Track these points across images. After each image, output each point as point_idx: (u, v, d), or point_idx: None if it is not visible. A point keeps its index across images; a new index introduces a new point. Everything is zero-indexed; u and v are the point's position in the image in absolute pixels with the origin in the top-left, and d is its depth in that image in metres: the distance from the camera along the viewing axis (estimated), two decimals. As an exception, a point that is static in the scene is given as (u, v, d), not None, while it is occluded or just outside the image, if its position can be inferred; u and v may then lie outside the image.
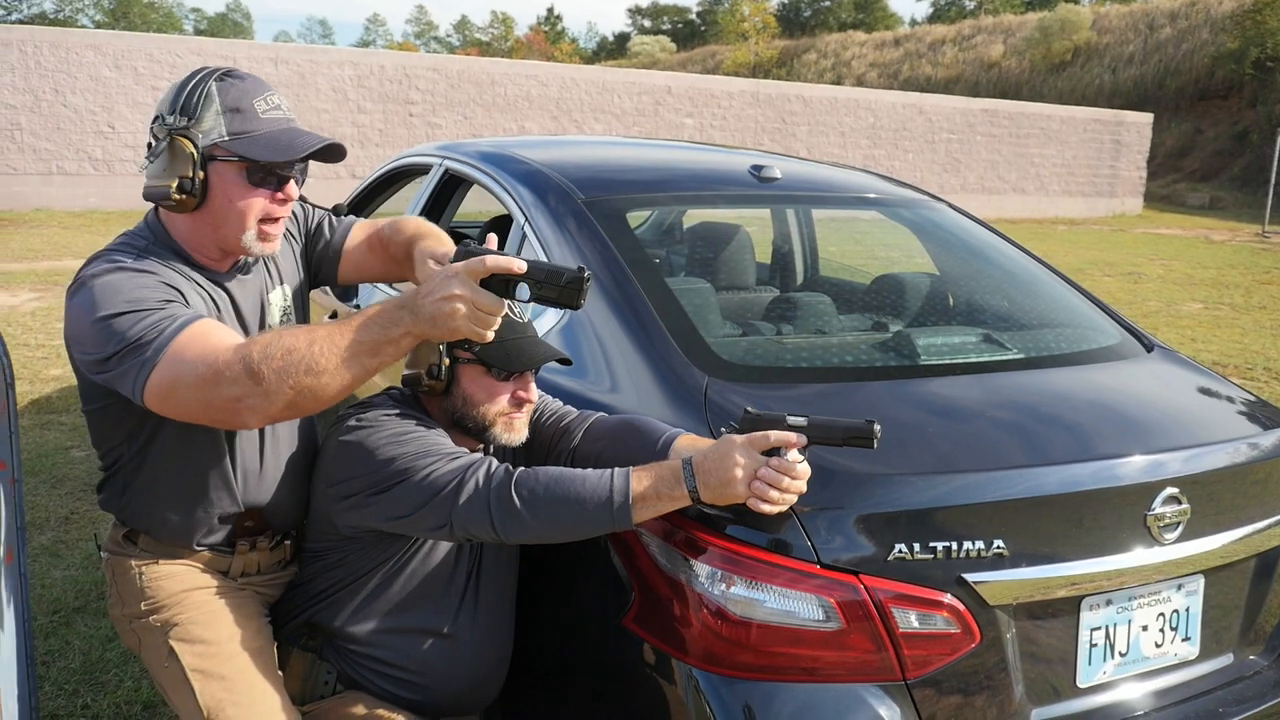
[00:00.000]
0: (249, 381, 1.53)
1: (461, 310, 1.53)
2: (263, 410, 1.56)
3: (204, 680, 1.82)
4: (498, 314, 1.57)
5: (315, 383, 1.54)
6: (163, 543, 1.91)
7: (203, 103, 1.76)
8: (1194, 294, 12.02)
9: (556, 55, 57.90)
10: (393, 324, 1.56)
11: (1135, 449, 1.97)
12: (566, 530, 1.70)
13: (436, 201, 3.40)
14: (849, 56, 45.06)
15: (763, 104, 21.44)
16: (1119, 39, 35.75)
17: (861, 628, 1.71)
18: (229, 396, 1.55)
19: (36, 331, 7.49)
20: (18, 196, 15.32)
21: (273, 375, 1.52)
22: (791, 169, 3.07)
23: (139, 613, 1.90)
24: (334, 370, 1.54)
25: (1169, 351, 2.61)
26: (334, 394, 1.58)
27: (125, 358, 1.60)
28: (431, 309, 1.54)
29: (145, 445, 1.84)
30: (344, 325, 1.57)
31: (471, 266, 1.55)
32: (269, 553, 1.99)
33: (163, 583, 1.89)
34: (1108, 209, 25.63)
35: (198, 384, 1.56)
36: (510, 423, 1.92)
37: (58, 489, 4.51)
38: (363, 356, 1.56)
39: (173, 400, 1.60)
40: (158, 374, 1.58)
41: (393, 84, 17.96)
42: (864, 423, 1.65)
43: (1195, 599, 2.04)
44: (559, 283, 1.58)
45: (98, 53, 15.77)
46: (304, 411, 1.63)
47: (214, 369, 1.55)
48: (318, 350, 1.54)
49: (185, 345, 1.59)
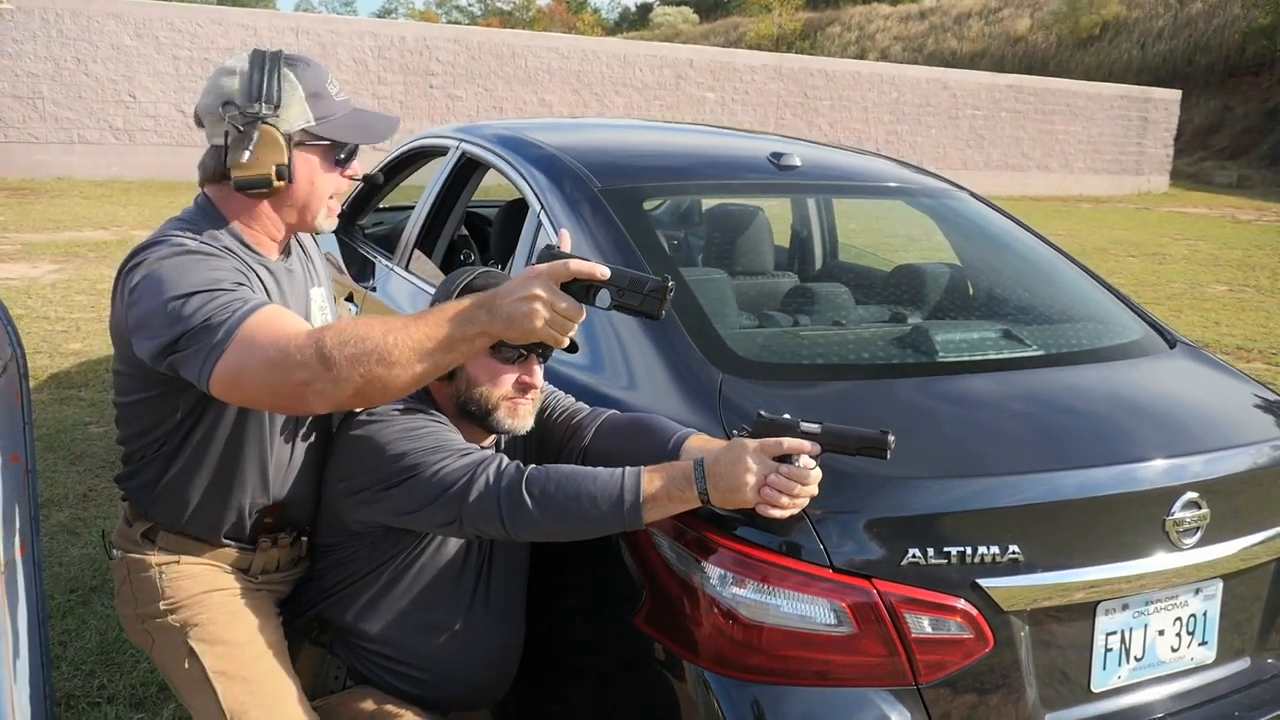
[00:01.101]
0: (320, 366, 1.51)
1: (541, 312, 1.51)
2: (331, 396, 1.54)
3: (227, 682, 1.81)
4: (576, 319, 1.55)
5: (386, 373, 1.52)
6: (187, 538, 1.89)
7: (285, 89, 1.76)
8: (1219, 275, 11.88)
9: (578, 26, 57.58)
10: (469, 322, 1.54)
11: (1155, 452, 1.94)
12: (576, 529, 1.69)
13: (453, 184, 3.39)
14: (873, 29, 44.58)
15: (785, 78, 21.25)
16: (1148, 13, 35.19)
17: (874, 632, 1.69)
18: (298, 380, 1.53)
19: (56, 304, 7.52)
20: (40, 165, 15.37)
21: (345, 362, 1.51)
22: (811, 156, 3.03)
23: (155, 612, 1.87)
24: (406, 363, 1.52)
25: (1192, 348, 2.57)
26: (403, 386, 1.55)
27: (195, 339, 1.58)
28: (510, 309, 1.52)
29: (187, 436, 1.82)
30: (420, 318, 1.55)
31: (555, 269, 1.53)
32: (288, 549, 1.98)
33: (183, 583, 1.88)
34: (1133, 187, 25.33)
35: (267, 367, 1.54)
36: (514, 408, 1.90)
37: (76, 465, 4.53)
38: (436, 352, 1.53)
39: (240, 384, 1.58)
40: (227, 357, 1.56)
41: (413, 55, 17.89)
42: (878, 433, 1.63)
43: (1213, 603, 2.02)
44: (641, 291, 1.55)
45: (119, 21, 15.76)
46: (371, 401, 1.63)
47: (285, 352, 1.53)
48: (392, 341, 1.52)
49: (256, 328, 1.57)
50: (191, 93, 15.83)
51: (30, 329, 6.69)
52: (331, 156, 1.83)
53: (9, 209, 12.20)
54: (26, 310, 7.22)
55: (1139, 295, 10.10)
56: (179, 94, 16.08)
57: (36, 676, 1.98)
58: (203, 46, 16.21)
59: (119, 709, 2.85)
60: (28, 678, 1.92)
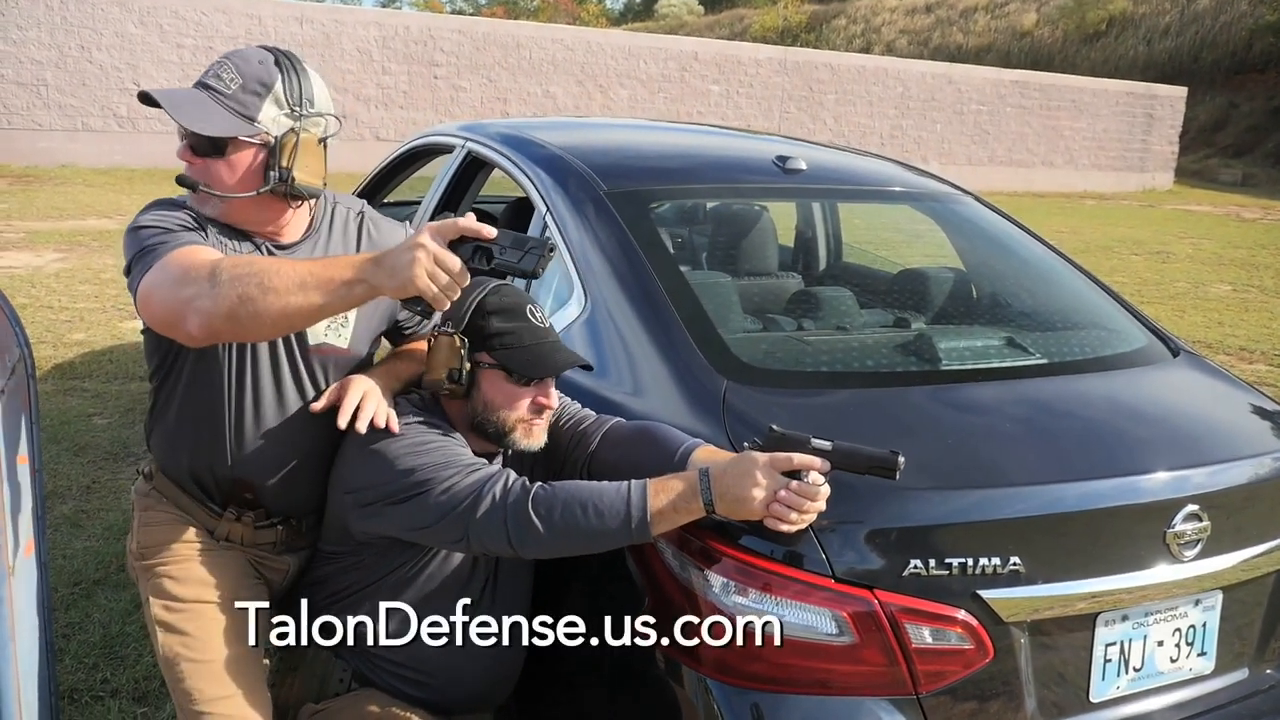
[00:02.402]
0: (206, 283, 1.59)
1: (422, 260, 1.54)
2: (206, 313, 1.59)
3: (165, 633, 1.90)
4: (460, 279, 1.59)
5: (261, 297, 1.57)
6: (170, 482, 2.00)
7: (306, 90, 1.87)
8: (1223, 275, 11.87)
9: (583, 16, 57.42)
10: (353, 268, 1.58)
11: (1157, 464, 1.94)
12: (584, 545, 1.70)
13: (459, 183, 3.39)
14: (879, 23, 44.47)
15: (790, 72, 21.21)
16: (1155, 9, 35.08)
17: (874, 641, 1.70)
18: (184, 297, 1.61)
19: (60, 294, 7.53)
20: (43, 152, 15.37)
21: (228, 280, 1.58)
22: (816, 158, 3.03)
23: (134, 554, 2.02)
24: (282, 291, 1.56)
25: (1195, 357, 2.58)
26: (274, 317, 1.59)
27: (135, 264, 1.74)
28: (394, 259, 1.56)
29: (165, 376, 1.95)
30: (311, 260, 1.63)
31: (443, 226, 1.58)
32: (253, 529, 2.02)
33: (154, 530, 1.99)
34: (1138, 184, 25.29)
35: (169, 283, 1.64)
36: (529, 429, 1.91)
37: (80, 457, 4.55)
38: (313, 289, 1.57)
39: (149, 306, 1.70)
40: (148, 277, 1.69)
41: (418, 45, 17.86)
42: (888, 454, 1.64)
43: (1213, 614, 2.03)
44: (522, 248, 1.61)
45: (123, 9, 15.74)
46: (244, 330, 1.66)
47: (185, 270, 1.63)
48: (276, 269, 1.59)
49: (177, 255, 1.69)
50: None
51: (34, 318, 6.70)
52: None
53: (13, 196, 12.20)
54: (30, 300, 7.23)
55: (1142, 294, 10.10)
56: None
57: (42, 672, 2.00)
58: (207, 35, 16.19)
59: (122, 703, 2.86)
60: (34, 674, 1.93)
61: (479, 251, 1.61)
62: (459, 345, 1.87)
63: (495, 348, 1.88)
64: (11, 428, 1.81)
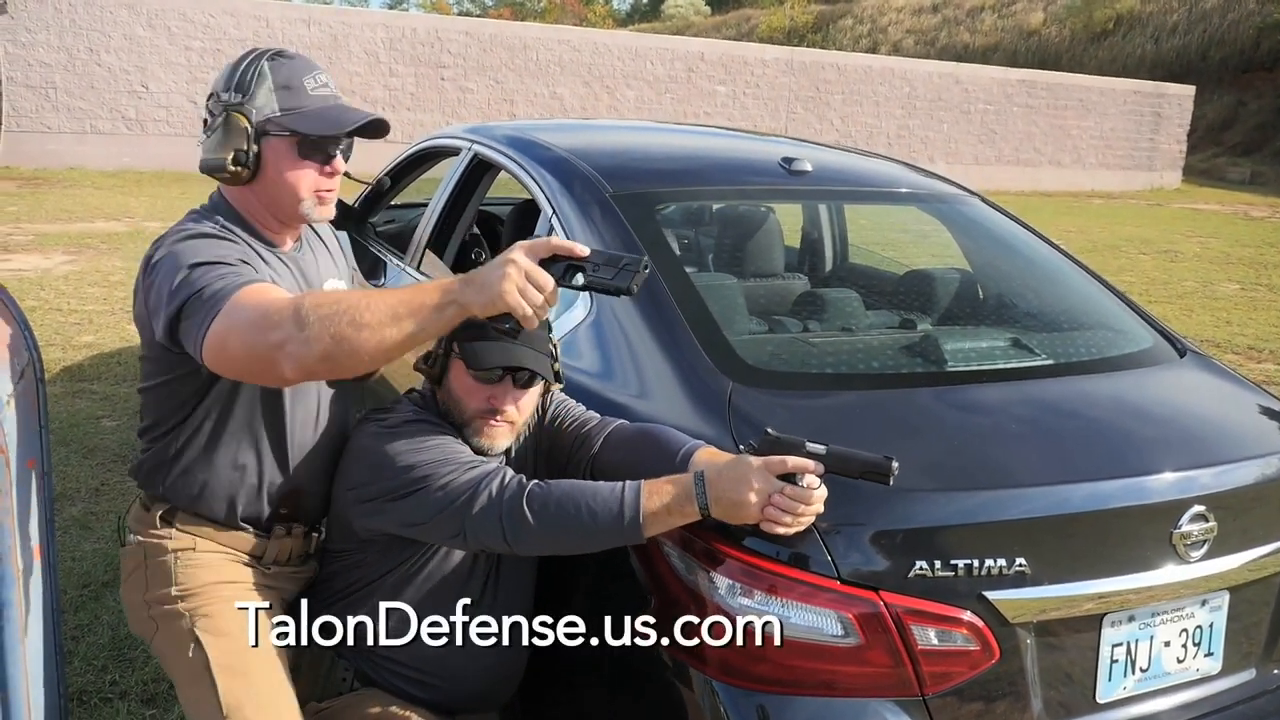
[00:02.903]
0: (293, 326, 1.54)
1: (513, 277, 1.52)
2: (302, 357, 1.55)
3: (229, 677, 1.83)
4: (551, 297, 1.56)
5: (355, 335, 1.53)
6: (203, 520, 1.92)
7: (256, 80, 1.82)
8: (1231, 274, 11.83)
9: (589, 17, 57.43)
10: (442, 291, 1.56)
11: (1163, 465, 1.94)
12: (577, 543, 1.71)
13: (465, 186, 3.40)
14: (885, 23, 44.40)
15: (797, 72, 21.19)
16: (1162, 8, 34.96)
17: (880, 643, 1.70)
18: (273, 342, 1.55)
19: (69, 296, 7.56)
20: (52, 155, 15.42)
21: (317, 321, 1.53)
22: (822, 160, 3.04)
23: (165, 598, 1.89)
24: (375, 326, 1.53)
25: (1202, 357, 2.57)
26: (371, 351, 1.55)
27: (193, 309, 1.64)
28: (484, 276, 1.54)
29: (206, 415, 1.87)
30: (399, 288, 1.58)
31: (535, 244, 1.56)
32: (301, 540, 2.01)
33: (196, 570, 1.90)
34: (1145, 183, 25.22)
35: (247, 328, 1.58)
36: (482, 428, 1.90)
37: (89, 459, 4.56)
38: (406, 318, 1.54)
39: (224, 350, 1.62)
40: (216, 323, 1.61)
41: (425, 47, 17.89)
42: (882, 459, 1.64)
43: (1220, 615, 2.02)
44: (616, 266, 1.58)
45: (132, 11, 15.79)
46: (340, 368, 1.61)
47: (265, 314, 1.57)
48: (365, 304, 1.54)
49: (245, 296, 1.62)
50: (203, 84, 15.86)
51: (43, 321, 6.73)
52: (301, 148, 1.84)
53: (22, 199, 12.25)
54: (39, 302, 7.26)
55: (1150, 293, 10.08)
56: (191, 85, 16.11)
57: (51, 675, 2.01)
58: (215, 37, 16.24)
59: (131, 705, 2.88)
60: (43, 676, 1.94)
61: (571, 269, 1.58)
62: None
63: (462, 337, 1.86)
64: (21, 431, 1.82)
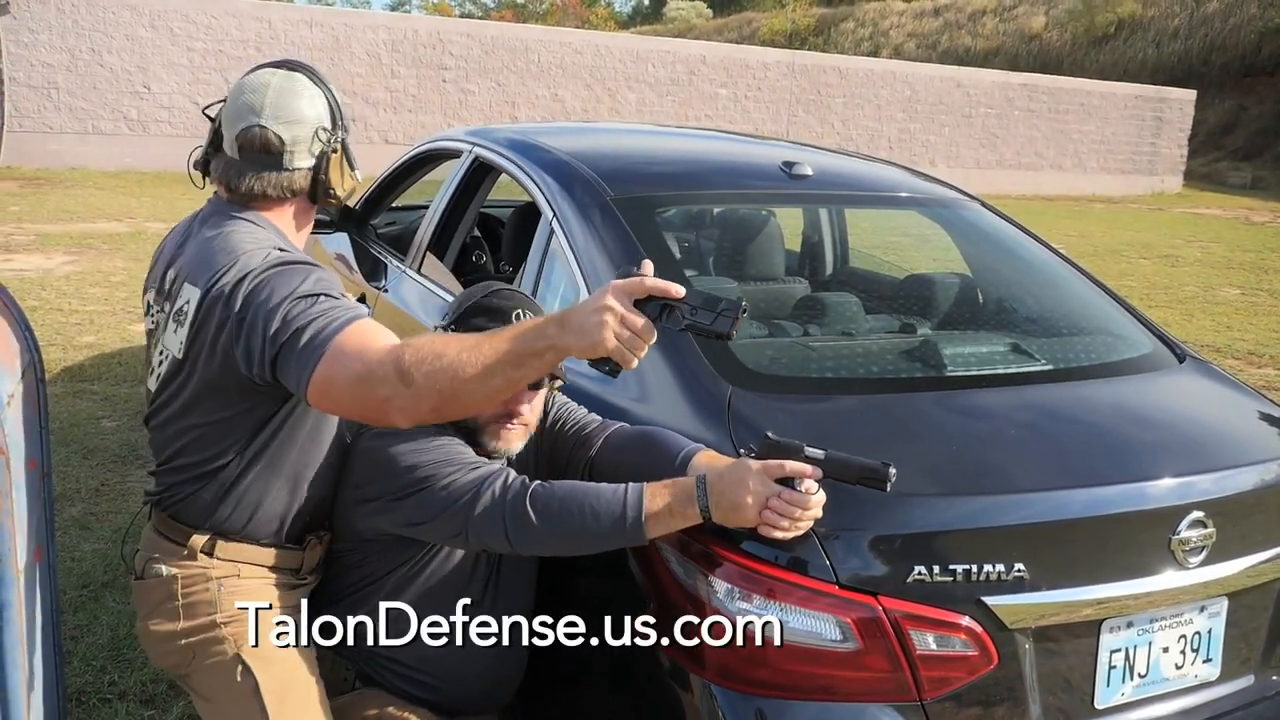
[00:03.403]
0: (399, 383, 1.55)
1: (610, 324, 1.51)
2: (411, 411, 1.58)
3: (279, 701, 1.82)
4: (648, 337, 1.54)
5: (461, 389, 1.54)
6: (249, 544, 1.90)
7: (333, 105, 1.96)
8: (1232, 278, 11.83)
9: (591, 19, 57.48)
10: (539, 336, 1.54)
11: (1161, 471, 1.95)
12: (579, 544, 1.72)
13: (466, 188, 3.40)
14: (887, 26, 44.43)
15: (798, 75, 21.20)
16: (1164, 12, 34.97)
17: (878, 648, 1.71)
18: (380, 396, 1.57)
19: (70, 296, 7.56)
20: (54, 155, 15.43)
21: (421, 378, 1.54)
22: (823, 164, 3.04)
23: (208, 626, 1.86)
24: (478, 378, 1.54)
25: (1201, 362, 2.58)
26: (478, 401, 1.59)
27: (294, 346, 1.65)
28: (580, 320, 1.52)
29: (265, 444, 1.85)
30: (495, 335, 1.58)
31: (629, 284, 1.54)
32: (326, 545, 2.02)
33: (240, 596, 1.88)
34: (1147, 187, 25.21)
35: (353, 380, 1.59)
36: (499, 432, 1.92)
37: (89, 460, 4.57)
38: (507, 368, 1.54)
39: (330, 395, 1.64)
40: (321, 367, 1.62)
41: (427, 49, 17.89)
42: (879, 465, 1.64)
43: (1218, 621, 2.03)
44: (714, 310, 1.54)
45: (134, 12, 15.80)
46: (450, 416, 1.67)
47: (369, 367, 1.58)
48: (465, 358, 1.54)
49: (347, 340, 1.63)
50: (205, 84, 15.90)
51: (44, 321, 6.73)
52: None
53: (24, 199, 12.26)
54: (40, 302, 7.26)
55: (1151, 298, 10.08)
56: (193, 85, 16.11)
57: (50, 675, 2.01)
58: (217, 38, 16.24)
59: (130, 705, 2.88)
60: (42, 676, 1.94)
61: (667, 310, 1.55)
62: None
63: None
64: (22, 431, 1.82)
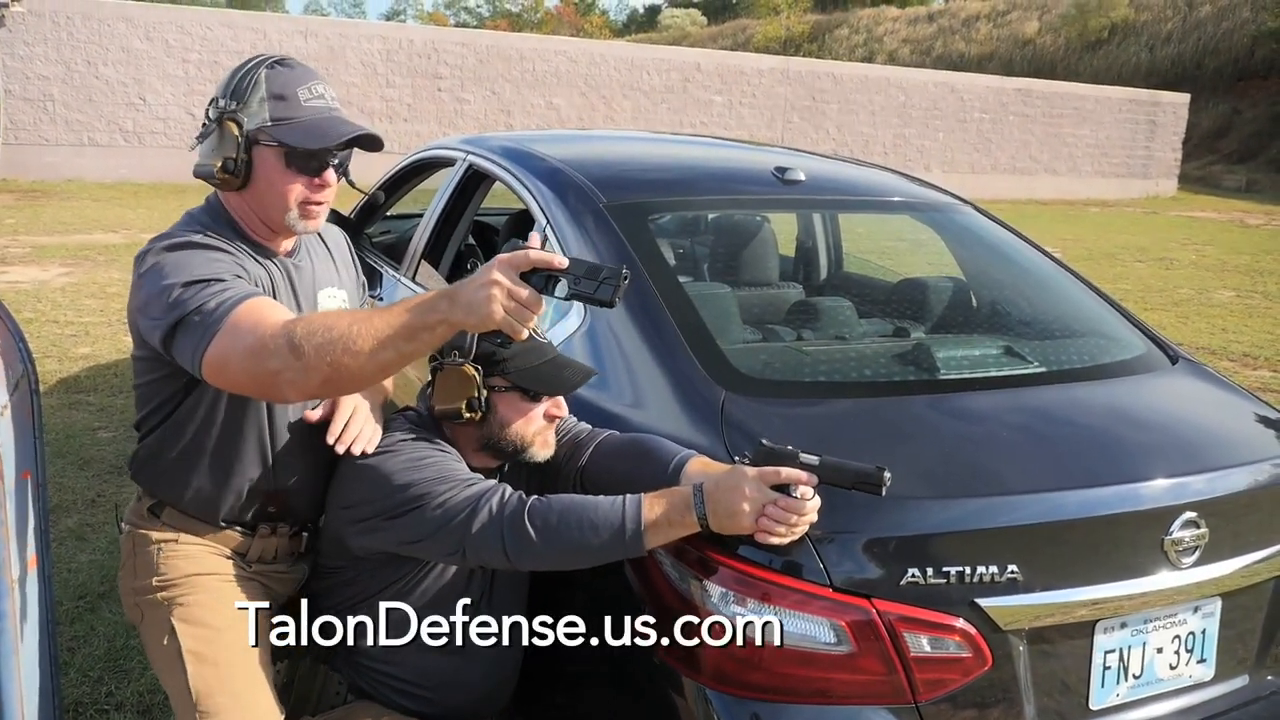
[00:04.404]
0: (290, 356, 1.57)
1: (498, 297, 1.53)
2: (301, 385, 1.60)
3: (198, 663, 1.86)
4: (535, 308, 1.57)
5: (352, 362, 1.56)
6: (188, 516, 1.95)
7: (251, 88, 1.83)
8: (1227, 281, 11.86)
9: (586, 28, 57.59)
10: (430, 310, 1.57)
11: (1154, 472, 1.95)
12: (578, 557, 1.71)
13: (460, 196, 3.41)
14: (881, 32, 44.59)
15: (793, 82, 21.26)
16: (1157, 16, 35.13)
17: (873, 650, 1.71)
18: (271, 370, 1.59)
19: (66, 308, 7.56)
20: (50, 167, 15.45)
21: (312, 351, 1.56)
22: (815, 169, 3.05)
23: (148, 588, 1.94)
24: (370, 351, 1.56)
25: (1194, 364, 2.58)
26: (369, 375, 1.60)
27: (188, 325, 1.67)
28: (469, 295, 1.55)
29: (190, 415, 1.90)
30: (387, 309, 1.60)
31: (515, 258, 1.56)
32: (287, 540, 2.03)
33: (178, 561, 1.94)
34: (1141, 191, 25.29)
35: (246, 355, 1.61)
36: (545, 439, 1.95)
37: (85, 470, 4.56)
38: (399, 341, 1.56)
39: (225, 371, 1.65)
40: (215, 344, 1.64)
41: (421, 58, 17.94)
42: (874, 469, 1.65)
43: (1212, 621, 2.03)
44: (596, 278, 1.57)
45: (129, 24, 15.84)
46: (340, 391, 1.71)
47: (261, 341, 1.60)
48: (357, 331, 1.56)
49: (241, 318, 1.64)
50: (201, 95, 15.91)
51: (40, 333, 6.73)
52: (290, 159, 1.84)
53: (19, 211, 12.26)
54: (36, 314, 7.27)
55: (1146, 301, 10.10)
56: (188, 97, 16.16)
57: (45, 686, 2.00)
58: (212, 49, 16.28)
59: (127, 716, 2.87)
60: (37, 688, 1.94)
61: (552, 281, 1.58)
62: (472, 373, 1.88)
63: (509, 371, 1.90)
64: (16, 443, 1.82)
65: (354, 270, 2.21)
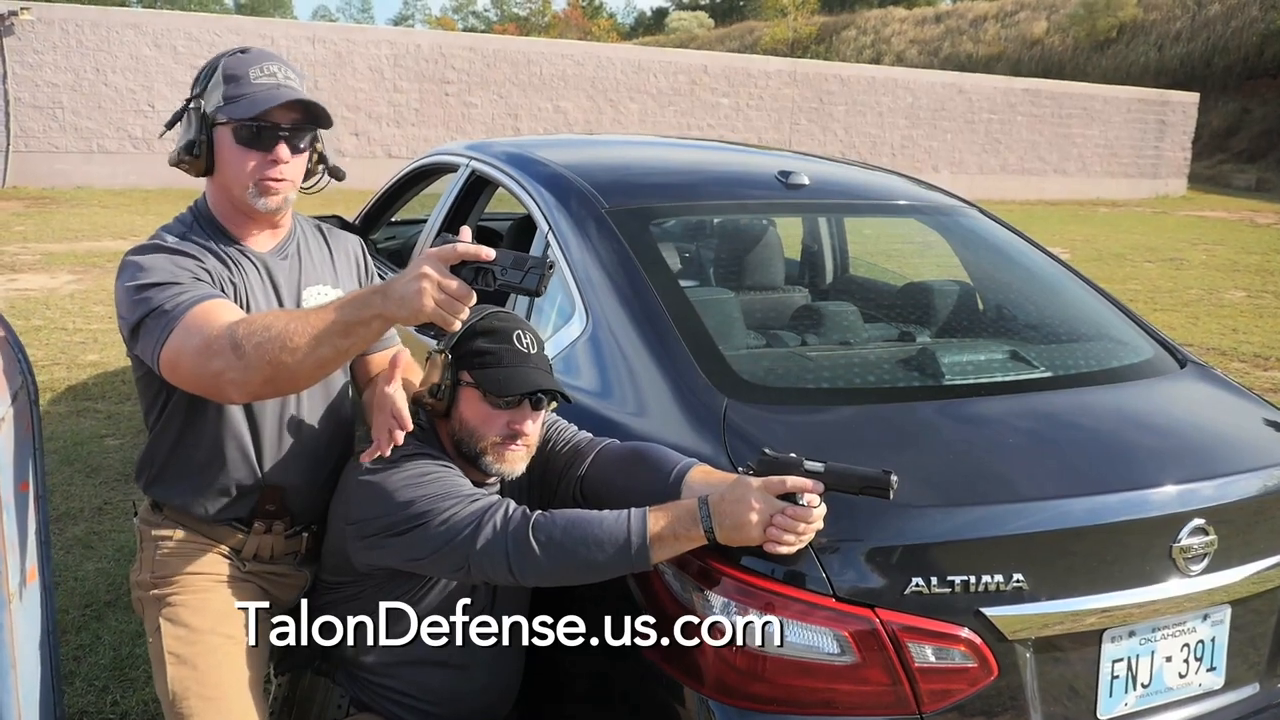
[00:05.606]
0: (232, 356, 1.61)
1: (429, 290, 1.55)
2: (242, 384, 1.64)
3: (177, 665, 1.88)
4: (465, 300, 1.59)
5: (290, 360, 1.59)
6: (184, 511, 1.98)
7: (210, 75, 1.89)
8: (1237, 281, 11.80)
9: (594, 31, 57.64)
10: (364, 306, 1.60)
11: (1162, 478, 1.93)
12: (584, 573, 1.69)
13: (464, 202, 3.40)
14: (889, 33, 44.54)
15: (800, 83, 21.23)
16: (1166, 15, 35.02)
17: (877, 661, 1.69)
18: (214, 370, 1.63)
19: (75, 315, 7.58)
20: (59, 174, 15.52)
21: (252, 349, 1.60)
22: (820, 173, 3.03)
23: (146, 583, 1.98)
24: (307, 348, 1.59)
25: (1202, 368, 2.56)
26: (309, 372, 1.64)
27: (147, 326, 1.73)
28: (401, 289, 1.57)
29: (173, 412, 1.93)
30: (322, 307, 1.63)
31: (443, 252, 1.59)
32: (284, 539, 2.03)
33: (171, 560, 1.97)
34: (1151, 190, 25.19)
35: (193, 354, 1.66)
36: (502, 453, 1.89)
37: (92, 478, 4.57)
38: (334, 337, 1.60)
39: (178, 370, 1.70)
40: (168, 345, 1.69)
41: (429, 63, 17.96)
42: (881, 473, 1.63)
43: (1221, 629, 2.00)
44: (523, 268, 1.61)
45: (138, 32, 15.90)
46: (282, 389, 1.73)
47: (206, 341, 1.64)
48: (294, 329, 1.60)
49: (193, 319, 1.69)
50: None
51: (48, 340, 6.75)
52: (239, 135, 1.86)
53: (29, 218, 12.31)
54: (45, 321, 7.29)
55: (1155, 301, 10.05)
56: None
57: (46, 698, 2.00)
58: (220, 56, 16.32)
59: (132, 725, 2.87)
60: (38, 700, 1.94)
61: (481, 273, 1.61)
62: (444, 362, 1.90)
63: (474, 366, 1.90)
64: (14, 454, 1.82)
65: (360, 276, 2.19)
